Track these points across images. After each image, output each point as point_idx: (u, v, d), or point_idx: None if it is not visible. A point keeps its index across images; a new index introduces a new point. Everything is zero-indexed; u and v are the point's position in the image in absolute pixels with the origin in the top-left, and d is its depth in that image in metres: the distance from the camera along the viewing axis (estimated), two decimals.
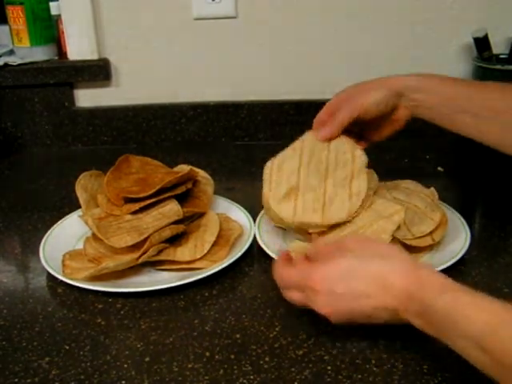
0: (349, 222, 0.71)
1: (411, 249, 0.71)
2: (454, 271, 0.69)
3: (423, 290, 0.50)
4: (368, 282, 0.52)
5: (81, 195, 0.78)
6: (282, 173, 0.74)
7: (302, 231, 0.75)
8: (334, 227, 0.71)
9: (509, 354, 0.44)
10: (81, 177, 0.80)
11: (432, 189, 0.79)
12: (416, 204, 0.75)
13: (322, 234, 0.72)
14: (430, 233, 0.72)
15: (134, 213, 0.74)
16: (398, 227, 0.69)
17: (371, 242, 0.58)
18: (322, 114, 0.75)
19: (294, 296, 0.57)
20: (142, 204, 0.74)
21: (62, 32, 1.12)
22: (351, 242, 0.57)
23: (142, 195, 0.74)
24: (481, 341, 0.46)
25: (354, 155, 0.73)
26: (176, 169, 0.84)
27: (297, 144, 0.75)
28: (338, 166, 0.72)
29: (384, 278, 0.52)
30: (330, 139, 0.73)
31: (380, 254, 0.54)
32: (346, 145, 0.74)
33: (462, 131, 0.72)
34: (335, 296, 0.53)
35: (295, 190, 0.72)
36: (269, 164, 0.76)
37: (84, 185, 0.80)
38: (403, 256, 0.54)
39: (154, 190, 0.74)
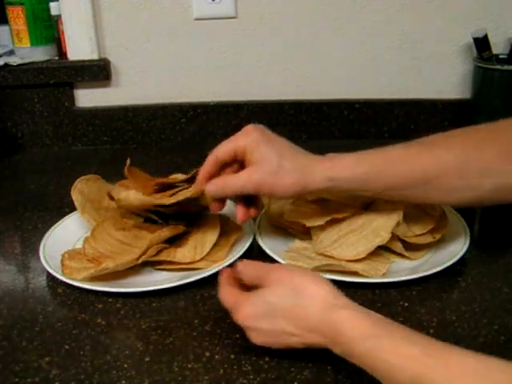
0: (348, 219, 0.72)
1: (412, 247, 0.72)
2: (454, 271, 0.69)
3: (340, 336, 0.49)
4: (287, 321, 0.53)
5: (76, 199, 0.78)
6: None
7: (300, 227, 0.75)
8: (333, 224, 0.72)
9: None
10: (77, 182, 0.80)
11: None
12: None
13: (321, 228, 0.72)
14: (431, 231, 0.72)
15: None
16: (398, 224, 0.69)
17: (291, 276, 0.55)
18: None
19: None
20: (176, 190, 0.73)
21: (62, 32, 1.12)
22: (275, 273, 0.56)
23: (179, 180, 0.75)
24: None
25: None
26: (171, 177, 0.82)
27: None
28: None
29: (300, 318, 0.52)
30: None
31: (295, 291, 0.53)
32: None
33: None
34: (263, 331, 0.54)
35: None
36: None
37: (80, 189, 0.79)
38: (318, 294, 0.52)
39: (189, 176, 0.74)
